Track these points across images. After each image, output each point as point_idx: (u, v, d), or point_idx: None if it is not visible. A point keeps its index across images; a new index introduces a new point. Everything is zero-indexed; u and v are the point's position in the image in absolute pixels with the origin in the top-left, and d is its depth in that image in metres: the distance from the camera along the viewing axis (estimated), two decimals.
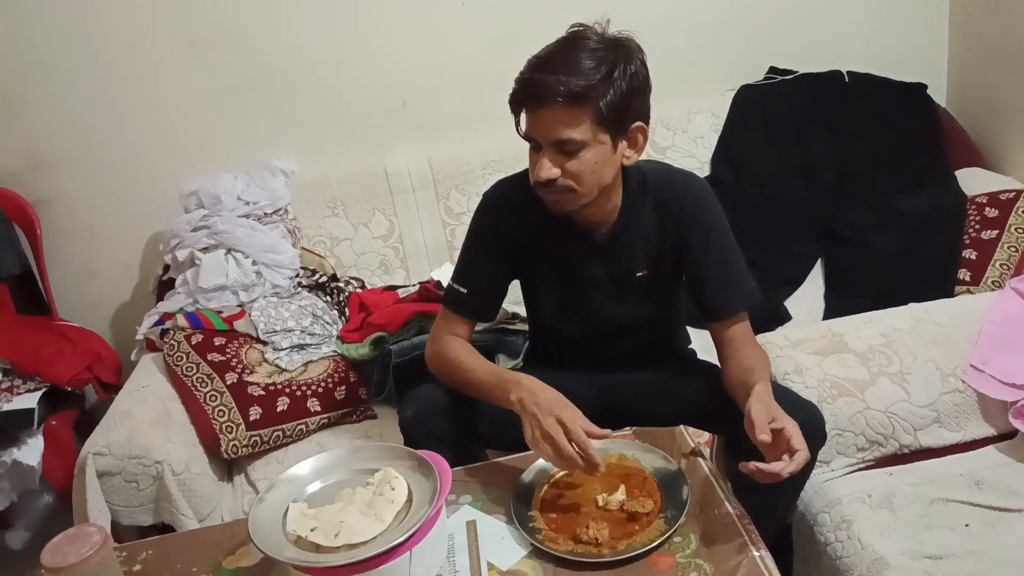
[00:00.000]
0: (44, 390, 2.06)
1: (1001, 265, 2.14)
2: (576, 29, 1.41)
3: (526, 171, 1.56)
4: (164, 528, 1.78)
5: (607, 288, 1.59)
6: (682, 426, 1.52)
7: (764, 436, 1.22)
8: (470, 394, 1.51)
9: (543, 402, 1.36)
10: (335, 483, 1.29)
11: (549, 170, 1.40)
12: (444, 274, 2.26)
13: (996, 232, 2.20)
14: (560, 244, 1.57)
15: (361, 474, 1.29)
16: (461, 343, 1.57)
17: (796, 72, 2.61)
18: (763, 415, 1.26)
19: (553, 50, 1.39)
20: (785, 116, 2.56)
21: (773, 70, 2.65)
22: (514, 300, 1.93)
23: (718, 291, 1.54)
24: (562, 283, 1.61)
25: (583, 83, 1.33)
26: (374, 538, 1.16)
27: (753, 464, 1.21)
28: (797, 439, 1.22)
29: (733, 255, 1.55)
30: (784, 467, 1.20)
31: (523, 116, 1.41)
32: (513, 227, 1.57)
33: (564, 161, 1.39)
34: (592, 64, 1.35)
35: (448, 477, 1.24)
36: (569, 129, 1.36)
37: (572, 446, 1.30)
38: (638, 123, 1.44)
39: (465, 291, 1.58)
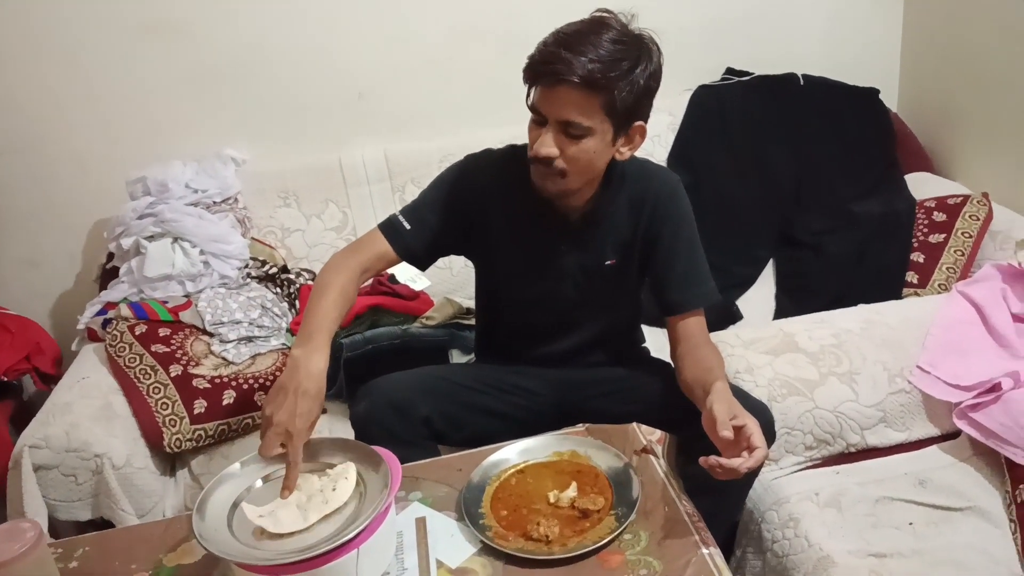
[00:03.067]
0: None
1: (948, 269, 2.18)
2: (603, 14, 1.39)
3: (511, 147, 1.58)
4: (103, 523, 1.73)
5: (574, 274, 1.59)
6: (635, 424, 1.51)
7: (726, 432, 1.22)
8: None
9: (288, 399, 1.27)
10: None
11: (549, 147, 1.39)
12: (398, 269, 2.23)
13: (943, 236, 2.24)
14: (533, 225, 1.56)
15: (309, 469, 1.26)
16: (345, 281, 1.48)
17: (752, 74, 2.63)
18: (725, 412, 1.26)
19: (580, 30, 1.36)
20: (741, 117, 2.58)
21: (730, 71, 2.67)
22: (468, 295, 1.92)
23: (681, 287, 1.55)
24: (529, 265, 1.60)
25: (605, 71, 1.32)
26: (291, 533, 1.15)
27: (714, 458, 1.21)
28: (757, 436, 1.23)
29: (699, 254, 1.58)
30: (743, 463, 1.21)
31: (535, 88, 1.39)
32: (486, 198, 1.56)
33: (565, 143, 1.39)
34: (617, 54, 1.34)
35: (398, 473, 1.23)
36: (579, 113, 1.36)
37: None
38: (640, 122, 1.44)
39: (408, 227, 1.55)
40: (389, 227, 1.56)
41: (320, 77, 2.47)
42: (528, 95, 1.41)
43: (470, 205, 1.56)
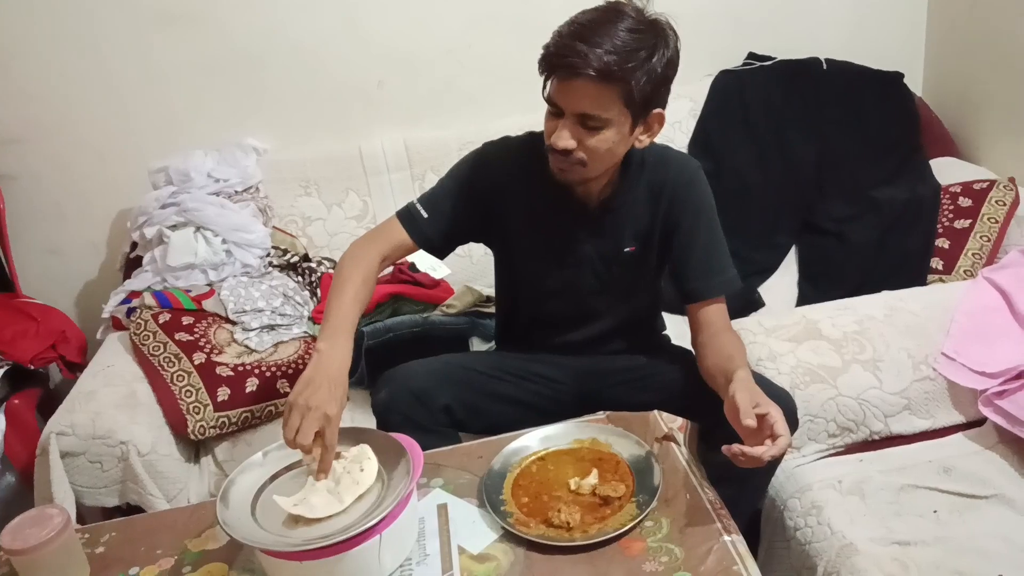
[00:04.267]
0: (6, 368, 2.02)
1: (973, 255, 2.15)
2: (618, 1, 1.37)
3: (530, 134, 1.57)
4: (129, 509, 1.75)
5: (593, 261, 1.59)
6: (656, 411, 1.51)
7: (749, 421, 1.22)
8: None
9: (321, 388, 1.28)
10: (305, 467, 1.27)
11: (567, 140, 1.38)
12: (418, 257, 2.24)
13: (969, 222, 2.22)
14: (552, 213, 1.56)
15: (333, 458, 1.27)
16: (366, 270, 1.49)
17: (775, 59, 2.61)
18: (747, 400, 1.25)
19: (595, 19, 1.34)
20: (763, 102, 2.56)
21: (752, 56, 2.64)
22: (489, 283, 1.92)
23: (701, 275, 1.54)
24: (548, 253, 1.60)
25: (622, 62, 1.31)
26: (329, 517, 1.15)
27: (736, 447, 1.21)
28: (780, 424, 1.22)
29: (719, 241, 1.56)
30: (766, 451, 1.20)
31: (552, 80, 1.37)
32: (504, 186, 1.56)
33: (583, 135, 1.38)
34: (633, 44, 1.32)
35: (420, 460, 1.23)
36: (597, 106, 1.35)
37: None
38: (658, 110, 1.43)
39: (426, 215, 1.55)
40: (407, 215, 1.57)
41: (339, 66, 2.48)
42: (544, 87, 1.39)
43: (488, 193, 1.56)
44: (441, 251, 1.63)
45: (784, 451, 1.23)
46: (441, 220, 1.56)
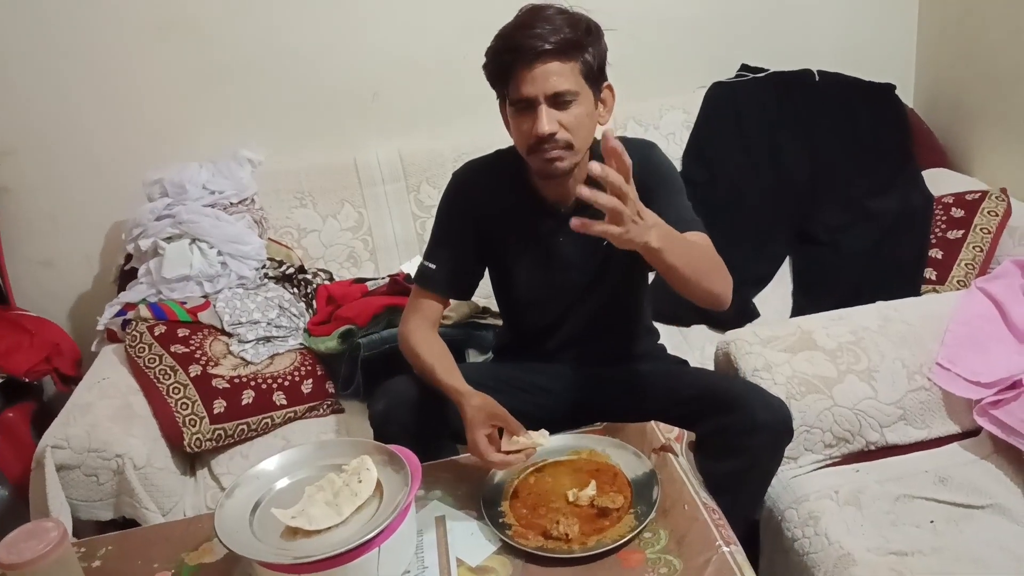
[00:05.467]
0: (0, 381, 2.01)
1: (966, 265, 2.16)
2: (535, 3, 1.43)
3: (495, 152, 1.61)
4: (124, 523, 1.74)
5: (576, 262, 1.60)
6: (653, 422, 1.52)
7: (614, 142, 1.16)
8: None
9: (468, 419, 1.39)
10: (303, 479, 1.27)
11: (552, 122, 1.40)
12: (414, 266, 2.23)
13: (962, 232, 2.23)
14: (530, 221, 1.58)
15: (329, 470, 1.27)
16: (424, 332, 1.58)
17: (767, 70, 2.62)
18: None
19: (523, 18, 1.41)
20: (757, 114, 2.57)
21: (745, 68, 2.66)
22: (484, 294, 1.92)
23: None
24: (534, 260, 1.61)
25: (573, 33, 1.37)
26: (327, 528, 1.16)
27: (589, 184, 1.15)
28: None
29: (684, 202, 1.54)
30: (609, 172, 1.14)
31: (513, 79, 1.40)
32: (483, 206, 1.59)
33: (559, 116, 1.41)
34: (572, 21, 1.39)
35: (418, 472, 1.23)
36: (564, 80, 1.39)
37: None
38: (607, 82, 1.48)
39: (434, 267, 1.60)
40: (420, 276, 1.62)
41: (334, 77, 2.48)
42: (505, 93, 1.44)
43: (471, 216, 1.60)
44: (463, 292, 1.67)
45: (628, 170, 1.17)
46: (447, 264, 1.60)
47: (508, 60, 1.40)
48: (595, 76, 1.43)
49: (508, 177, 1.56)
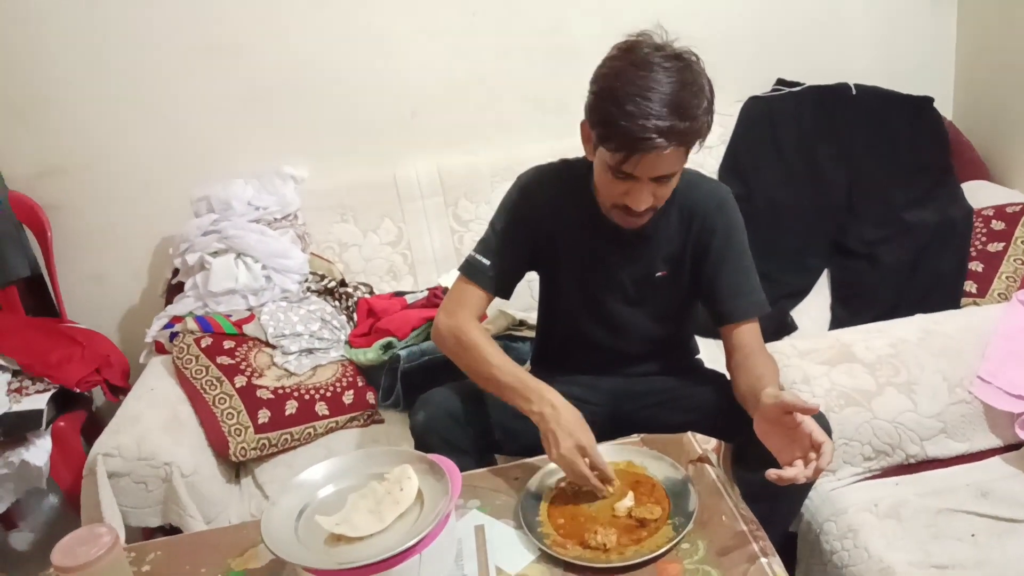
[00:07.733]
0: (53, 392, 2.07)
1: (1007, 278, 2.14)
2: (656, 57, 1.35)
3: (563, 162, 1.61)
4: (171, 530, 1.79)
5: (625, 285, 1.61)
6: (690, 433, 1.52)
7: (813, 402, 1.22)
8: (480, 383, 1.52)
9: (564, 423, 1.39)
10: (346, 488, 1.30)
11: (648, 202, 1.42)
12: (451, 280, 2.26)
13: (1003, 245, 2.21)
14: (589, 238, 1.59)
15: (372, 479, 1.29)
16: (482, 329, 1.56)
17: (803, 84, 2.62)
18: (790, 396, 1.22)
19: (653, 88, 1.31)
20: (793, 128, 2.57)
21: (780, 82, 2.66)
22: (523, 307, 1.94)
23: (730, 297, 1.55)
24: (586, 275, 1.62)
25: (692, 125, 1.33)
26: (370, 535, 1.18)
27: (774, 472, 1.18)
28: (818, 432, 1.20)
29: (748, 264, 1.58)
30: (814, 466, 1.18)
31: (621, 152, 1.35)
32: (546, 214, 1.59)
33: (656, 189, 1.41)
34: (690, 98, 1.33)
35: (458, 482, 1.25)
36: (674, 164, 1.39)
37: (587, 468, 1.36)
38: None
39: (487, 263, 1.59)
40: (470, 269, 1.60)
41: (374, 96, 2.53)
42: (612, 155, 1.36)
43: (535, 219, 1.59)
44: (508, 292, 1.65)
45: (830, 459, 1.19)
46: (502, 263, 1.59)
47: (633, 147, 1.33)
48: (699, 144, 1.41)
49: (573, 190, 1.56)
